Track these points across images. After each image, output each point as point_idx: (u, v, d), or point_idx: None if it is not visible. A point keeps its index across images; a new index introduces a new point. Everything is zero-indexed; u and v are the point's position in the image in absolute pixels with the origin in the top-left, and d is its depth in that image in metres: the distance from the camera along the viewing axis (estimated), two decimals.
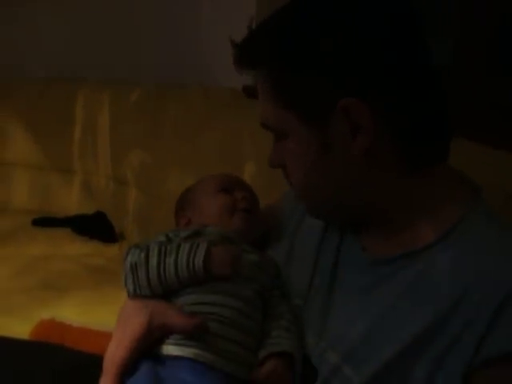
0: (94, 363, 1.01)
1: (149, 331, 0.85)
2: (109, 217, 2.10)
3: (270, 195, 1.15)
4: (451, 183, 0.83)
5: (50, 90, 2.29)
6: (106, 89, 2.17)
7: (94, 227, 2.07)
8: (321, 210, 0.89)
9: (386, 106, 0.77)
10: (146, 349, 0.85)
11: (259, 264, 0.95)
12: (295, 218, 1.01)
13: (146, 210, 1.97)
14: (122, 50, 2.30)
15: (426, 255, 0.79)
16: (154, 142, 1.95)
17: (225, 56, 2.25)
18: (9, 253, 1.91)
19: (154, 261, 0.87)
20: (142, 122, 2.01)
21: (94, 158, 2.18)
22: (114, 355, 0.85)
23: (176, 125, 1.90)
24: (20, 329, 1.37)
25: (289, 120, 0.81)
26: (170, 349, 0.84)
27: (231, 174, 1.13)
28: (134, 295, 0.89)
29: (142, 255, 0.88)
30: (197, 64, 2.12)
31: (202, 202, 1.05)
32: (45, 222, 2.15)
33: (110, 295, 1.56)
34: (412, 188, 0.81)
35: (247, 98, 1.81)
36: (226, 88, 1.92)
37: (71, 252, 1.95)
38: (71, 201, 2.25)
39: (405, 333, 0.77)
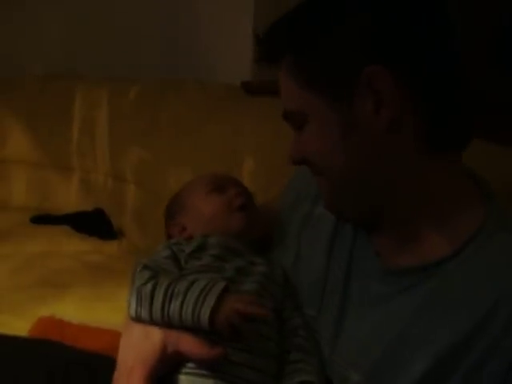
0: (93, 360, 1.01)
1: (161, 360, 0.80)
2: (107, 214, 2.10)
3: (269, 192, 1.15)
4: (465, 184, 0.81)
5: (48, 87, 2.29)
6: (105, 86, 2.16)
7: (93, 224, 2.06)
8: (342, 200, 0.84)
9: (412, 78, 0.75)
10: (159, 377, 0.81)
11: (269, 275, 0.92)
12: (299, 215, 0.98)
13: (145, 207, 1.96)
14: (121, 47, 2.30)
15: (442, 270, 0.77)
16: (153, 138, 1.94)
17: (223, 52, 2.26)
18: (7, 250, 1.90)
19: (158, 302, 0.81)
20: (140, 118, 2.00)
21: (93, 155, 2.17)
22: None
23: (175, 121, 1.90)
24: (19, 326, 1.36)
25: (311, 101, 0.79)
26: (185, 380, 0.80)
27: (219, 172, 1.09)
28: (136, 320, 0.84)
29: (149, 288, 0.82)
30: (195, 60, 2.12)
31: (195, 206, 1.00)
32: (43, 219, 2.14)
33: (109, 292, 1.56)
34: (427, 178, 0.79)
35: (246, 95, 1.81)
36: (225, 84, 1.91)
37: (70, 249, 1.95)
38: (70, 198, 2.24)
39: (428, 352, 0.74)
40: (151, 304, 0.81)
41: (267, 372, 0.83)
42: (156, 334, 0.81)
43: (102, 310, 1.48)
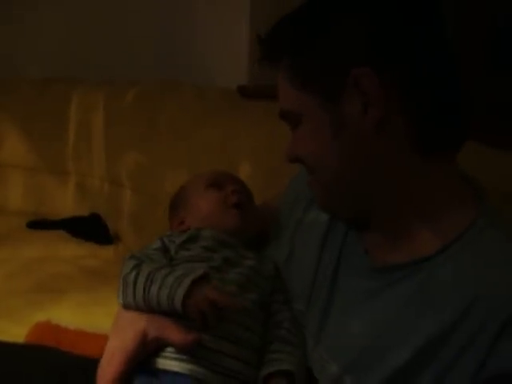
0: (90, 365, 1.01)
1: (143, 344, 0.84)
2: (104, 218, 2.09)
3: (265, 195, 1.15)
4: (459, 185, 0.82)
5: (44, 90, 2.28)
6: (101, 89, 2.16)
7: (89, 229, 2.06)
8: (334, 199, 0.86)
9: (401, 78, 0.76)
10: (141, 360, 0.84)
11: (257, 269, 0.94)
12: (294, 218, 1.00)
13: (141, 212, 1.96)
14: (117, 51, 2.30)
15: (430, 265, 0.78)
16: (149, 142, 1.94)
17: (219, 56, 2.25)
18: (3, 255, 1.90)
19: (140, 286, 0.85)
20: (136, 122, 2.00)
21: (89, 160, 2.17)
22: (106, 370, 0.84)
23: (171, 125, 1.90)
24: (16, 331, 1.36)
25: (305, 101, 0.80)
26: (165, 363, 0.83)
27: (222, 169, 1.11)
28: (125, 307, 0.88)
29: (133, 274, 0.86)
30: (192, 65, 2.12)
31: (193, 201, 1.03)
32: (39, 224, 2.14)
33: (105, 297, 1.55)
34: (420, 179, 0.79)
35: (242, 98, 1.81)
36: (221, 88, 1.91)
37: (66, 254, 1.94)
38: (66, 202, 2.24)
39: (409, 344, 0.75)
40: (134, 289, 0.85)
41: (247, 362, 0.85)
42: (140, 321, 0.85)
43: (98, 314, 1.47)
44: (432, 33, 0.79)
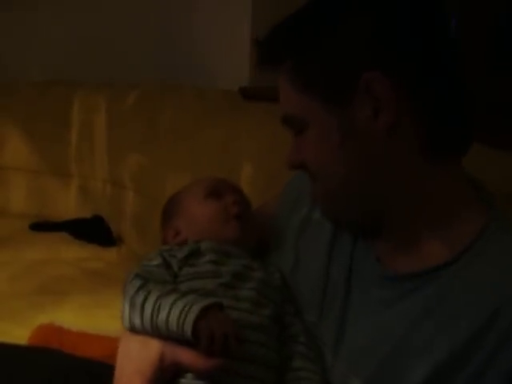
0: (93, 367, 1.01)
1: (160, 370, 0.80)
2: (106, 220, 2.10)
3: (267, 197, 1.14)
4: (466, 187, 0.81)
5: (46, 93, 2.29)
6: (103, 92, 2.17)
7: (92, 231, 2.06)
8: (338, 206, 0.83)
9: (409, 81, 0.75)
10: None
11: (266, 281, 0.90)
12: (297, 217, 0.97)
13: (144, 213, 1.96)
14: (118, 53, 2.30)
15: (441, 276, 0.76)
16: (151, 144, 1.94)
17: (221, 58, 2.26)
18: (6, 257, 1.90)
19: (148, 311, 0.79)
20: (138, 124, 2.00)
21: (91, 162, 2.17)
22: None
23: (173, 127, 1.90)
24: (19, 333, 1.36)
25: (309, 105, 0.78)
26: None
27: (219, 176, 1.07)
28: (131, 330, 0.83)
29: (141, 297, 0.81)
30: (194, 66, 2.12)
31: (190, 210, 0.98)
32: (42, 226, 2.14)
33: (108, 299, 1.55)
34: (428, 180, 0.78)
35: (243, 100, 1.81)
36: (223, 90, 1.92)
37: (69, 256, 1.95)
38: (68, 205, 2.24)
39: (430, 358, 0.74)
40: (142, 313, 0.80)
41: (262, 380, 0.82)
42: (154, 345, 0.80)
43: (101, 317, 1.47)
44: (437, 30, 0.78)
